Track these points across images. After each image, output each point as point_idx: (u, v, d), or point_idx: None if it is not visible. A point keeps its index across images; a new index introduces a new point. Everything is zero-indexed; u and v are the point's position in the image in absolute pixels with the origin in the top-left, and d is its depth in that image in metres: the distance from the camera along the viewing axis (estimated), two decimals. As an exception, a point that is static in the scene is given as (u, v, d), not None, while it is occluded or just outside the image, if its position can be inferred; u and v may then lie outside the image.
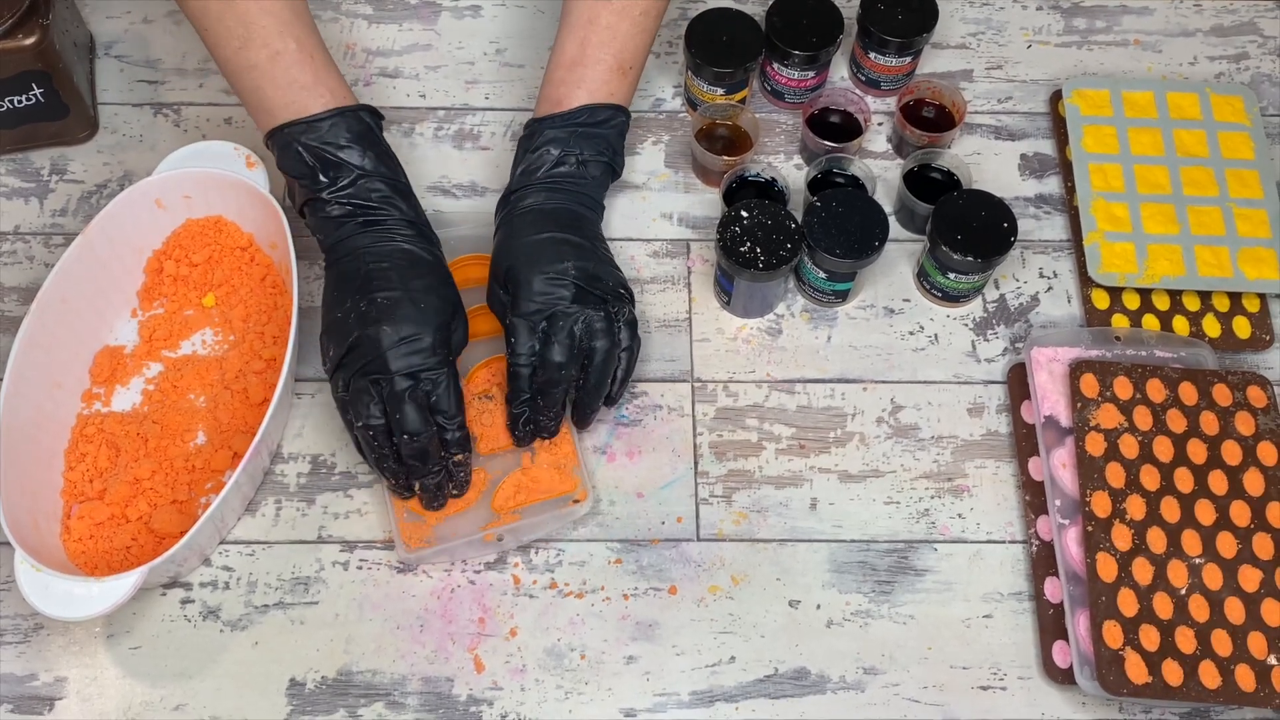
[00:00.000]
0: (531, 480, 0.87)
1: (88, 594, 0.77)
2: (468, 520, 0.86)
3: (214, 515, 0.81)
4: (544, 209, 0.88)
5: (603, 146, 0.91)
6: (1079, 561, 0.85)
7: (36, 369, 0.85)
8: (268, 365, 0.91)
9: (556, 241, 0.86)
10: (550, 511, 0.86)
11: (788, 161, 1.03)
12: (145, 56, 1.07)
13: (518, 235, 0.87)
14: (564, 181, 0.89)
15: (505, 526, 0.86)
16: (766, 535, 0.89)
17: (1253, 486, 0.87)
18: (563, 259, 0.85)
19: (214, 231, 0.94)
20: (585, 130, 0.90)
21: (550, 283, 0.84)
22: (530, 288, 0.84)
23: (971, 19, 1.11)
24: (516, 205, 0.89)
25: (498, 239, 0.90)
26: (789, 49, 0.99)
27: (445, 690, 0.83)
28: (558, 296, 0.84)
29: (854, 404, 0.94)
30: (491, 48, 1.08)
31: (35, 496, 0.83)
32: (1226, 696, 0.80)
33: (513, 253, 0.87)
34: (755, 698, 0.84)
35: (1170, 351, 0.93)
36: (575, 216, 0.89)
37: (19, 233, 0.99)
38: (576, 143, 0.89)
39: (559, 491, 0.87)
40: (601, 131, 0.90)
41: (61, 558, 0.82)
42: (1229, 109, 1.03)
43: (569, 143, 0.89)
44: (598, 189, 0.92)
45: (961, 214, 0.92)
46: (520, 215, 0.88)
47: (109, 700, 0.82)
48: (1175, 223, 0.98)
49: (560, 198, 0.89)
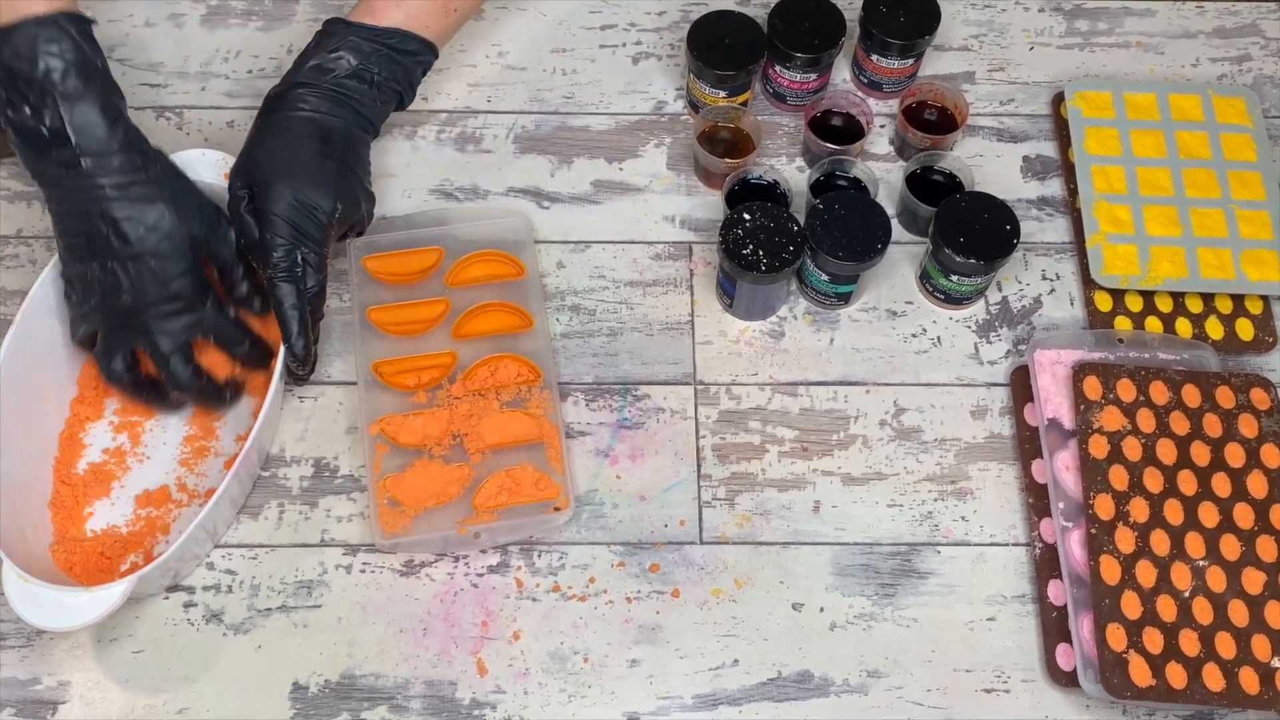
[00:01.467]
0: (515, 483, 0.87)
1: (75, 604, 0.76)
2: (447, 514, 0.87)
3: (204, 521, 0.80)
4: (320, 123, 0.87)
5: (400, 75, 0.89)
6: (1082, 564, 0.84)
7: (25, 375, 0.85)
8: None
9: (325, 171, 0.85)
10: (530, 516, 0.86)
11: (790, 164, 1.03)
12: (147, 60, 1.07)
13: (285, 146, 0.86)
14: (351, 96, 0.88)
15: (482, 525, 0.86)
16: (769, 538, 0.89)
17: (1256, 489, 0.87)
18: (327, 194, 0.85)
19: None
20: (390, 54, 0.89)
21: (307, 218, 0.84)
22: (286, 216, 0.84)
23: (973, 21, 1.11)
24: (295, 104, 0.87)
25: (259, 132, 0.87)
26: (791, 51, 0.99)
27: (448, 694, 0.83)
28: (310, 235, 0.85)
29: (857, 406, 0.94)
30: (493, 50, 1.08)
31: (23, 506, 0.83)
32: (1230, 699, 0.80)
33: (275, 168, 0.85)
34: (758, 701, 0.84)
35: (1173, 354, 0.93)
36: (350, 138, 0.88)
37: (21, 236, 0.98)
38: (377, 61, 0.88)
39: (541, 497, 0.87)
40: (405, 62, 0.89)
41: (50, 567, 0.82)
42: (1231, 111, 1.03)
43: (370, 58, 0.88)
44: (379, 115, 0.91)
45: (964, 216, 0.92)
46: (297, 121, 0.87)
47: (112, 704, 0.82)
48: (1178, 225, 0.98)
49: (342, 113, 0.88)
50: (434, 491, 0.86)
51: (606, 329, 0.96)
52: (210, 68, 1.06)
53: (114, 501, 0.87)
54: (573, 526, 0.88)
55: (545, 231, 1.00)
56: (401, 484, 0.87)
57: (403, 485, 0.87)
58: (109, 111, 0.80)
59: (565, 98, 1.06)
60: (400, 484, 0.87)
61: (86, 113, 0.79)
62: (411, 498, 0.86)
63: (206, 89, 1.05)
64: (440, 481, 0.87)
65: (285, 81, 0.89)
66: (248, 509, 0.88)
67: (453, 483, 0.87)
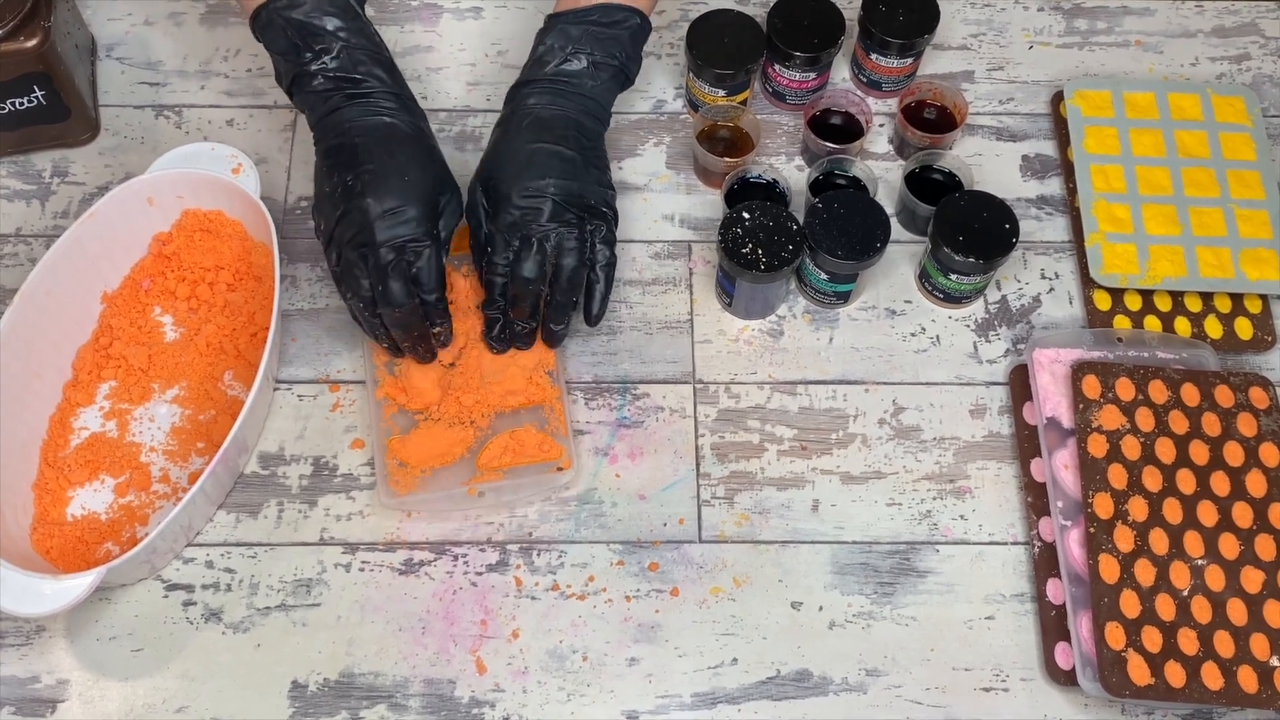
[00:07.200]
0: (518, 443, 0.88)
1: (42, 591, 0.77)
2: (452, 474, 0.88)
3: (179, 517, 0.81)
4: (541, 116, 0.88)
5: (614, 49, 0.90)
6: (1081, 563, 0.85)
7: (20, 356, 0.86)
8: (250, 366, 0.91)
9: (545, 154, 0.87)
10: (533, 476, 0.88)
11: (789, 163, 1.03)
12: (146, 58, 1.07)
13: (509, 140, 0.88)
14: (570, 82, 0.89)
15: (488, 484, 0.87)
16: (768, 537, 0.89)
17: (1255, 488, 0.87)
18: (545, 174, 0.86)
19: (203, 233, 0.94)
20: (597, 30, 0.89)
21: (527, 198, 0.86)
22: (509, 201, 0.86)
23: (973, 20, 1.11)
24: (521, 102, 0.89)
25: (494, 138, 0.90)
26: (790, 50, 0.99)
27: (447, 692, 0.83)
28: (533, 213, 0.85)
29: (856, 405, 0.94)
30: (493, 49, 1.08)
31: (7, 486, 0.83)
32: (1229, 698, 0.80)
33: (499, 161, 0.88)
34: (757, 699, 0.84)
35: (1172, 353, 0.93)
36: (573, 125, 0.89)
37: (20, 235, 0.99)
38: (587, 41, 0.89)
39: (544, 457, 0.88)
40: (614, 32, 0.90)
41: (28, 551, 0.83)
42: (1230, 110, 1.03)
43: (580, 40, 0.89)
44: (606, 94, 0.91)
45: (963, 215, 0.92)
46: (519, 118, 0.89)
47: (111, 702, 0.82)
48: (1177, 224, 0.98)
49: (563, 103, 0.89)
50: (439, 452, 0.88)
51: (606, 328, 0.96)
52: (210, 66, 1.06)
53: (96, 488, 0.88)
54: (572, 525, 0.89)
55: (544, 230, 1.00)
56: (407, 445, 0.88)
57: (408, 446, 0.88)
58: (384, 62, 0.87)
59: (564, 96, 1.06)
60: (406, 445, 0.88)
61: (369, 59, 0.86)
62: (417, 458, 0.87)
63: (206, 87, 1.06)
64: (445, 442, 0.88)
65: (514, 84, 0.91)
66: (247, 507, 0.89)
67: (457, 444, 0.88)
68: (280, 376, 0.93)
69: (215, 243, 0.94)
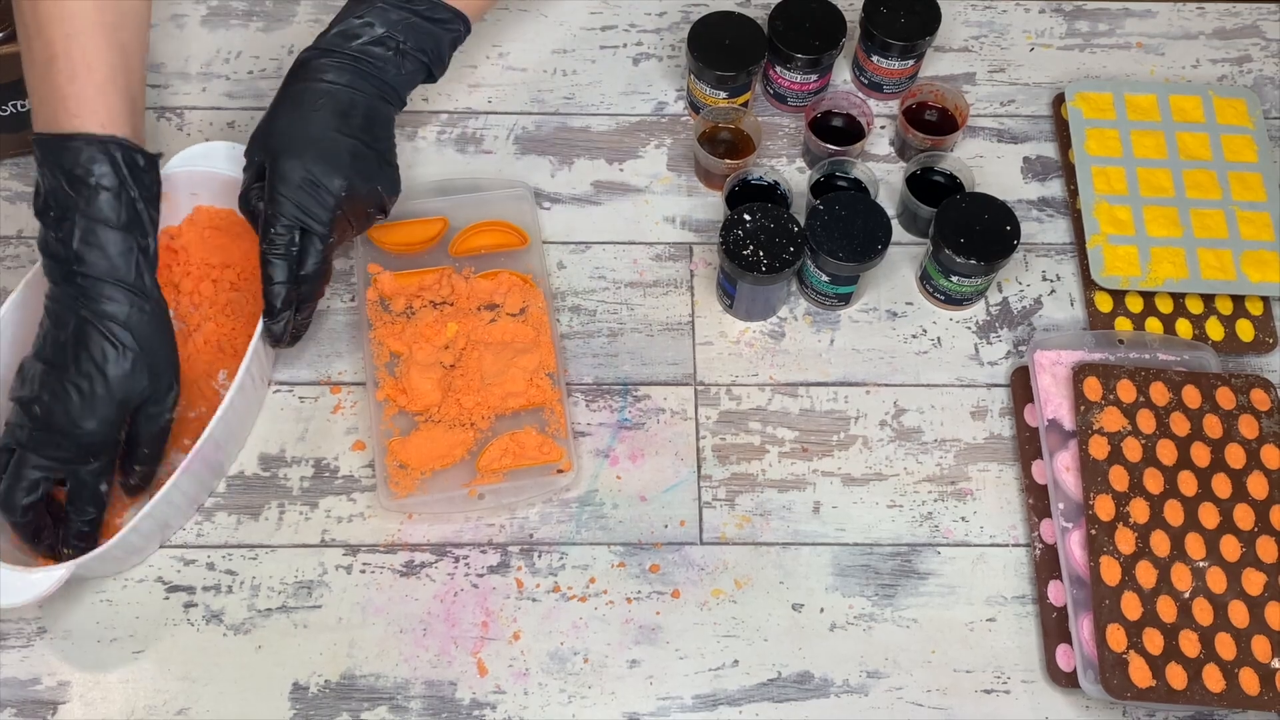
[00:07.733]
0: (519, 445, 0.88)
1: (11, 583, 0.77)
2: (452, 476, 0.88)
3: (153, 511, 0.81)
4: (338, 96, 0.85)
5: (429, 45, 0.88)
6: (1082, 565, 0.84)
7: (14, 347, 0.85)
8: None
9: (337, 148, 0.84)
10: (534, 478, 0.88)
11: (790, 165, 1.03)
12: (148, 60, 1.06)
13: (300, 120, 0.84)
14: (374, 64, 0.86)
15: (488, 486, 0.87)
16: (769, 538, 0.89)
17: (1256, 489, 0.87)
18: (336, 172, 0.83)
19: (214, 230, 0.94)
20: (418, 21, 0.87)
21: (312, 197, 0.83)
22: (291, 193, 0.83)
23: (974, 22, 1.11)
24: (315, 74, 0.85)
25: (279, 102, 0.86)
26: (791, 52, 0.99)
27: (448, 694, 0.83)
28: (314, 214, 0.83)
29: (857, 407, 0.94)
30: (494, 51, 1.08)
31: None
32: (1230, 700, 0.80)
33: (288, 142, 0.83)
34: (758, 701, 0.84)
35: (1173, 354, 0.93)
36: (371, 113, 0.86)
37: (21, 237, 0.99)
38: (405, 29, 0.86)
39: (545, 459, 0.88)
40: (434, 30, 0.87)
41: (2, 543, 0.82)
42: (1232, 112, 1.03)
43: (397, 25, 0.86)
44: (405, 85, 0.89)
45: (964, 217, 0.92)
46: (312, 93, 0.85)
47: (112, 704, 0.82)
48: (1178, 226, 0.98)
49: (363, 85, 0.86)
50: (439, 454, 0.88)
51: (607, 329, 0.96)
52: (211, 68, 1.06)
53: None
54: (573, 526, 0.89)
55: (546, 232, 1.00)
56: (407, 446, 0.88)
57: (409, 448, 0.88)
58: (124, 244, 0.81)
59: (566, 99, 1.06)
60: (406, 446, 0.88)
61: (105, 239, 0.80)
62: (417, 459, 0.87)
63: (207, 90, 1.06)
64: (445, 444, 0.88)
65: (311, 46, 0.87)
66: (248, 509, 0.89)
67: (457, 446, 0.88)
68: (281, 378, 0.93)
69: (225, 241, 0.94)
